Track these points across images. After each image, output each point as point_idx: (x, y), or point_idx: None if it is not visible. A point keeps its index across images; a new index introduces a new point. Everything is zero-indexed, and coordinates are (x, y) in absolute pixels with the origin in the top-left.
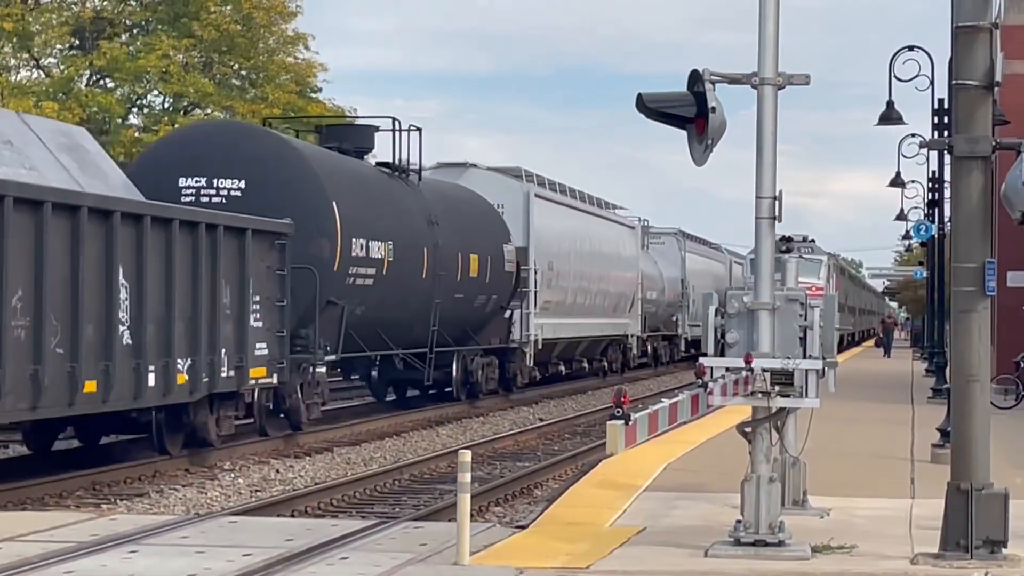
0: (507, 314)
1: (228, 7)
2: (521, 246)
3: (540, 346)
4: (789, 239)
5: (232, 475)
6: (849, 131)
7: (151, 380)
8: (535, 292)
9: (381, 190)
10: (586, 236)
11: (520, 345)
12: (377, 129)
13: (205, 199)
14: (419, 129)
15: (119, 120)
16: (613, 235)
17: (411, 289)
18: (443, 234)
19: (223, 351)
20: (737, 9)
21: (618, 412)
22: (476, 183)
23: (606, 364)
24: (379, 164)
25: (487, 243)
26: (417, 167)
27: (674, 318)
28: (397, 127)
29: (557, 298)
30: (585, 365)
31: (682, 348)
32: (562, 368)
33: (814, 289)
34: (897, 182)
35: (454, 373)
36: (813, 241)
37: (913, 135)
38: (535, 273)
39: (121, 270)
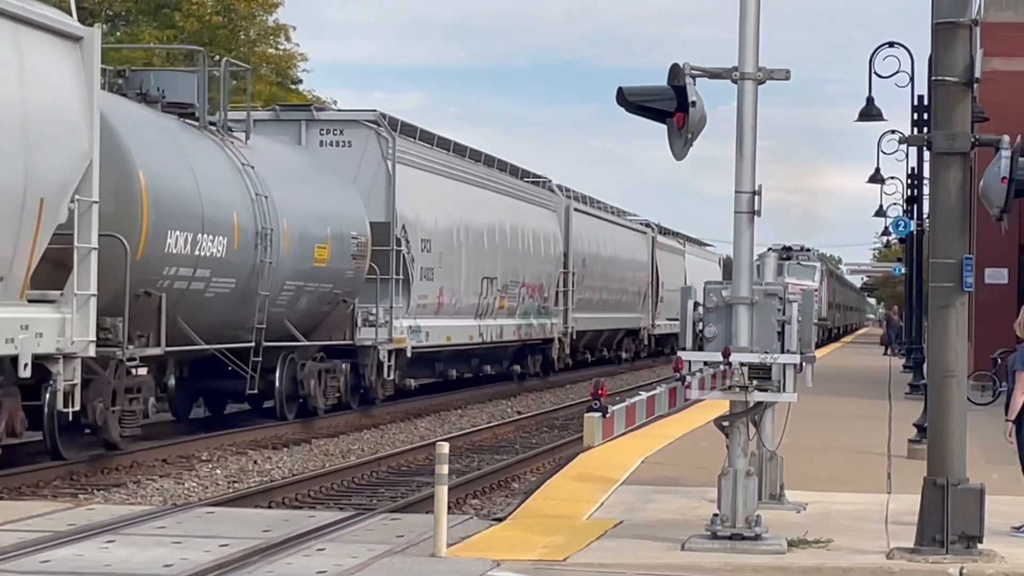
0: None
1: None
2: None
3: None
4: (789, 248)
5: (210, 466)
6: (828, 127)
7: None
8: None
9: None
10: None
11: None
12: None
13: None
14: None
15: None
16: None
17: None
18: None
19: None
20: (718, 5)
21: (596, 404)
22: None
23: None
24: None
25: None
26: None
27: (349, 309)
28: None
29: None
30: None
31: (386, 373)
32: None
33: None
34: (876, 178)
35: None
36: (810, 250)
37: (893, 131)
38: None
39: None
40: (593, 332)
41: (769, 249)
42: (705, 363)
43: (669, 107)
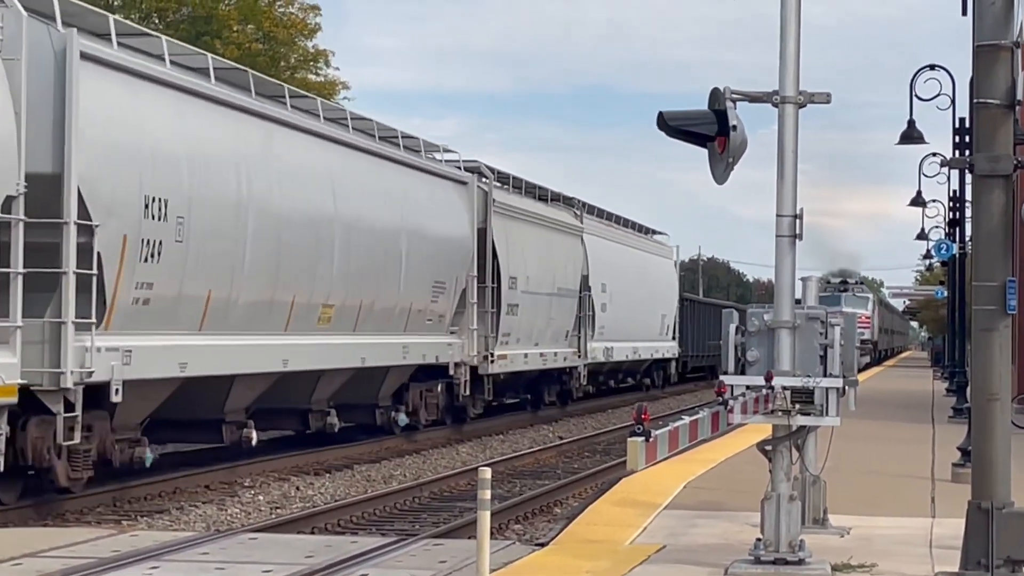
0: None
1: (249, 26)
2: None
3: None
4: (845, 281)
5: (252, 492)
6: (867, 150)
7: None
8: None
9: None
10: None
11: None
12: None
13: None
14: None
15: None
16: None
17: None
18: None
19: None
20: (754, 29)
21: (638, 429)
22: None
23: None
24: None
25: None
26: None
27: None
28: None
29: None
30: None
31: None
32: None
33: (863, 318)
34: (918, 201)
35: None
36: (863, 283)
37: (934, 154)
38: None
39: None
40: (243, 382)
41: (827, 282)
42: (747, 387)
43: (710, 131)
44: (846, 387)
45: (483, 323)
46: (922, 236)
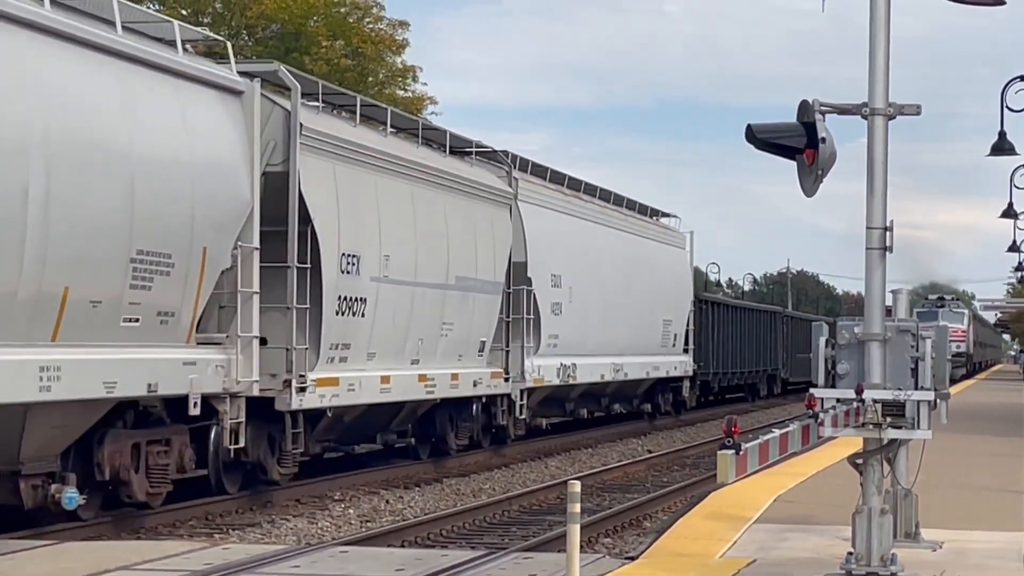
0: None
1: (338, 42)
2: None
3: None
4: (942, 298)
5: (342, 506)
6: (958, 162)
7: None
8: None
9: None
10: None
11: None
12: None
13: None
14: None
15: None
16: None
17: None
18: None
19: None
20: (842, 42)
21: (729, 441)
22: None
23: None
24: None
25: None
26: None
27: None
28: None
29: None
30: None
31: None
32: None
33: (959, 332)
34: (1010, 213)
35: None
36: (958, 299)
37: None
38: None
39: None
40: None
41: (925, 298)
42: (838, 400)
43: (799, 144)
44: (938, 400)
45: (282, 327)
46: (1014, 248)
